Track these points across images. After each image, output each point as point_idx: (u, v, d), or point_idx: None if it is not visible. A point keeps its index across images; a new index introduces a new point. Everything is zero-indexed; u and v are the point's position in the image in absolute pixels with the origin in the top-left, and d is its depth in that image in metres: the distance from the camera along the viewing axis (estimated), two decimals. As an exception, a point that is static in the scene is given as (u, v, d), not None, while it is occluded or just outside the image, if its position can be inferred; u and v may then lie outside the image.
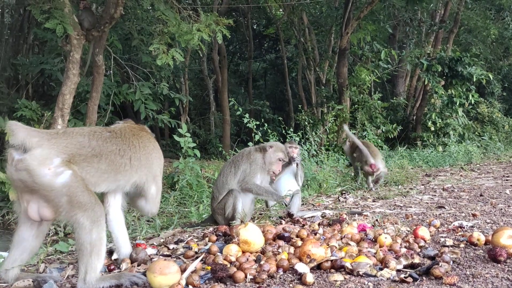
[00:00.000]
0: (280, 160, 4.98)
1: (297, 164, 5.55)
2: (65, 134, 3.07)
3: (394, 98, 18.67)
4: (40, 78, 11.61)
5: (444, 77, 15.86)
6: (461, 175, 9.81)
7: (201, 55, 16.65)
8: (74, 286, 3.03)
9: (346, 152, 8.71)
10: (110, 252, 3.88)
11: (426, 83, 16.21)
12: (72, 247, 4.24)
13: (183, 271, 3.10)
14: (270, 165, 4.95)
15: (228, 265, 3.32)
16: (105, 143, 3.18)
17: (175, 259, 3.71)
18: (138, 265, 3.49)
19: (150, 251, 3.91)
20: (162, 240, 4.43)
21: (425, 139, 15.75)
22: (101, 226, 2.98)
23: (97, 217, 2.96)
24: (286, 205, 4.97)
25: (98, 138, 3.16)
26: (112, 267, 3.46)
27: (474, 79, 15.45)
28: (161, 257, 3.71)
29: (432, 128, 15.79)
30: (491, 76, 16.39)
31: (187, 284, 3.01)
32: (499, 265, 3.48)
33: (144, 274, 3.12)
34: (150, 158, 3.45)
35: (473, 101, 16.23)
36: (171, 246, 4.10)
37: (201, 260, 3.42)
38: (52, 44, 10.82)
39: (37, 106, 9.19)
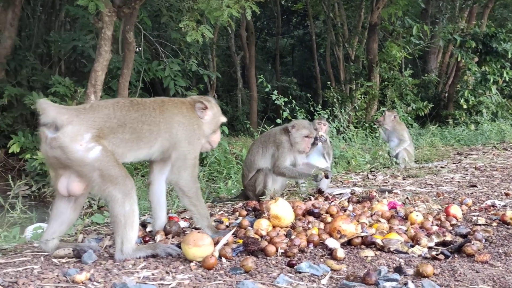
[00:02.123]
0: (306, 137, 4.90)
1: (323, 142, 5.50)
2: (92, 109, 3.15)
3: (426, 74, 18.25)
4: (72, 54, 11.78)
5: (478, 54, 15.40)
6: (493, 154, 9.62)
7: (229, 32, 16.56)
8: (112, 256, 3.14)
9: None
10: (143, 225, 3.99)
11: (459, 59, 15.78)
12: (107, 219, 4.38)
13: (215, 243, 3.18)
14: (296, 145, 4.90)
15: (259, 239, 3.38)
16: (128, 112, 3.21)
17: (207, 232, 3.79)
18: (172, 237, 3.59)
19: (183, 224, 4.00)
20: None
21: (457, 117, 15.41)
22: (133, 198, 3.08)
23: (128, 190, 3.06)
24: (316, 181, 4.94)
25: (122, 108, 3.21)
26: (147, 238, 3.57)
27: (509, 56, 14.94)
28: (194, 229, 3.80)
29: (465, 106, 15.42)
30: (527, 53, 15.81)
31: (220, 256, 3.09)
32: (532, 244, 3.45)
33: (178, 246, 3.21)
34: (171, 123, 3.37)
35: (507, 78, 15.72)
36: (197, 225, 4.17)
37: (233, 233, 3.49)
38: (84, 21, 10.92)
39: (70, 82, 9.36)
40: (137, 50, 10.25)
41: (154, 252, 3.13)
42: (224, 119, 3.80)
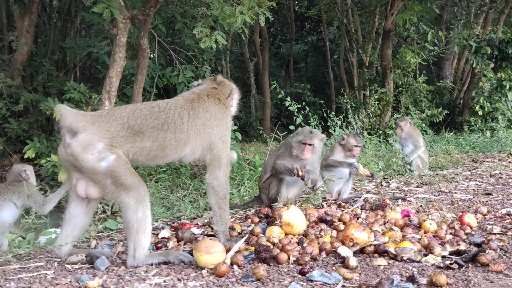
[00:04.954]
0: (302, 144, 4.80)
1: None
2: (108, 116, 3.12)
3: (440, 81, 18.10)
4: (87, 61, 11.89)
5: (494, 60, 15.24)
6: (509, 162, 9.48)
7: (243, 38, 16.62)
8: (124, 262, 3.16)
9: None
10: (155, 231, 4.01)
11: (474, 65, 15.63)
12: (120, 225, 4.41)
13: (227, 251, 3.18)
14: (292, 149, 4.85)
15: (271, 247, 3.37)
16: (145, 120, 3.17)
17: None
18: (184, 244, 3.60)
19: (195, 230, 4.01)
20: (206, 220, 4.53)
21: (472, 123, 15.25)
22: (146, 205, 3.10)
23: (141, 196, 3.08)
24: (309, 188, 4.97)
25: (137, 117, 3.16)
26: (159, 245, 3.58)
27: (526, 62, 14.78)
28: (206, 236, 3.80)
29: (480, 113, 15.24)
30: (544, 59, 15.58)
31: (231, 264, 3.09)
32: (549, 254, 3.39)
33: (190, 253, 3.22)
34: (202, 128, 3.38)
35: (524, 85, 15.53)
36: (214, 227, 4.18)
37: (245, 241, 3.49)
38: (99, 27, 11.04)
39: (85, 88, 9.44)
40: (151, 56, 10.33)
41: (167, 259, 3.15)
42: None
